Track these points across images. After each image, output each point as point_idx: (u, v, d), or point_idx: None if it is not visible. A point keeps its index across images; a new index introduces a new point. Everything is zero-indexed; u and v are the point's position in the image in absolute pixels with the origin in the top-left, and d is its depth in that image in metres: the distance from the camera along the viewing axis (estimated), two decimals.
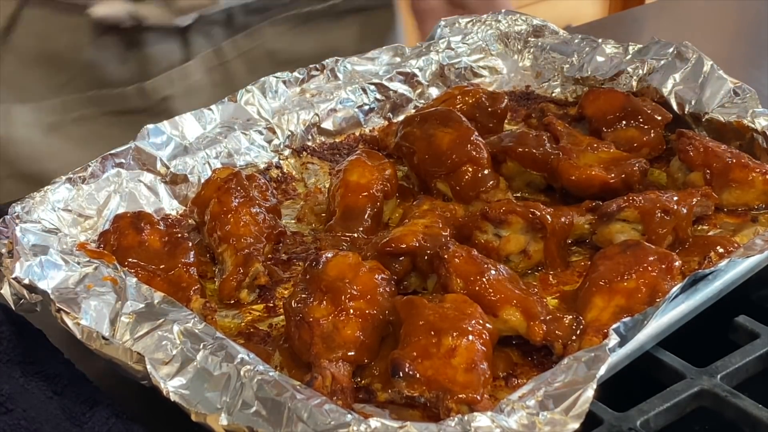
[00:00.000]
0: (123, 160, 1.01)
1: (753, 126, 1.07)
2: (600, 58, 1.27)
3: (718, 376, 0.76)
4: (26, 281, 0.81)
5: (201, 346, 0.72)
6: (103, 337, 0.76)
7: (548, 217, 0.91)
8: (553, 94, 1.28)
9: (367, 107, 1.22)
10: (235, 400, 0.68)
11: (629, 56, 1.24)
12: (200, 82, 1.27)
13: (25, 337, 0.84)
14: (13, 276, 0.82)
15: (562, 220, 0.93)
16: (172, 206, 1.02)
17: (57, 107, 1.20)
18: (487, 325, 0.76)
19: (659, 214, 0.92)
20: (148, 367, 0.72)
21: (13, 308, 0.83)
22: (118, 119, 1.24)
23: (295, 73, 1.19)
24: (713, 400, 0.75)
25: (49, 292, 0.80)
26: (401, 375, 0.71)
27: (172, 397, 0.69)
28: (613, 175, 1.00)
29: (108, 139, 1.11)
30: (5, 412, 0.75)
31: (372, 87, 1.23)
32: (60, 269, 0.83)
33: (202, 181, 1.02)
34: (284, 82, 1.18)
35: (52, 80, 1.20)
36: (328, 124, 1.18)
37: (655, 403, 0.73)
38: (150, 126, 1.05)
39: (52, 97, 1.20)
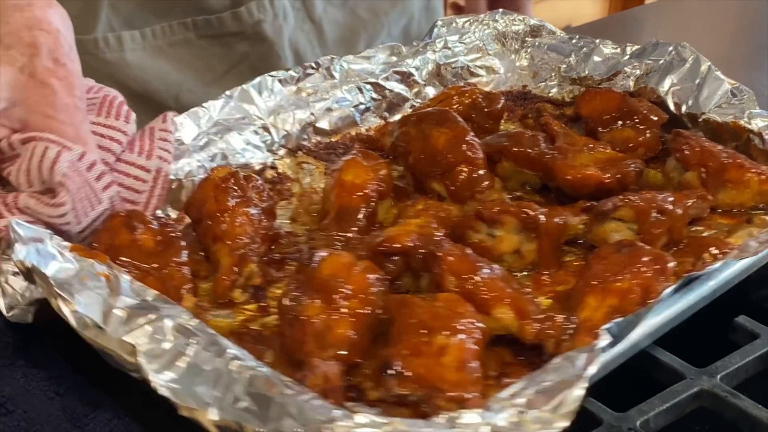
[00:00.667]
0: None
1: (749, 127, 1.07)
2: (597, 59, 1.27)
3: (718, 377, 0.76)
4: (29, 264, 0.79)
5: (193, 342, 0.72)
6: (98, 326, 0.75)
7: (541, 216, 0.91)
8: (550, 94, 1.28)
9: (363, 106, 1.21)
10: (226, 396, 0.67)
11: (627, 56, 1.24)
12: (285, 8, 1.38)
13: (26, 338, 0.84)
14: (17, 258, 0.80)
15: (556, 220, 0.93)
16: (167, 211, 1.02)
17: (159, 33, 1.33)
18: (479, 324, 0.76)
19: (655, 214, 0.92)
20: (140, 359, 0.71)
21: (6, 315, 0.82)
22: (215, 41, 1.36)
23: (291, 72, 1.19)
24: (713, 401, 0.75)
25: (50, 276, 0.79)
26: (392, 373, 0.71)
27: (161, 391, 0.69)
28: (608, 175, 1.00)
29: (207, 60, 1.34)
30: (6, 414, 0.75)
31: (368, 86, 1.22)
32: (55, 260, 0.82)
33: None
34: (280, 81, 1.18)
35: (156, 8, 1.32)
36: (323, 124, 1.18)
37: (654, 403, 0.73)
38: None
39: (156, 24, 1.32)
